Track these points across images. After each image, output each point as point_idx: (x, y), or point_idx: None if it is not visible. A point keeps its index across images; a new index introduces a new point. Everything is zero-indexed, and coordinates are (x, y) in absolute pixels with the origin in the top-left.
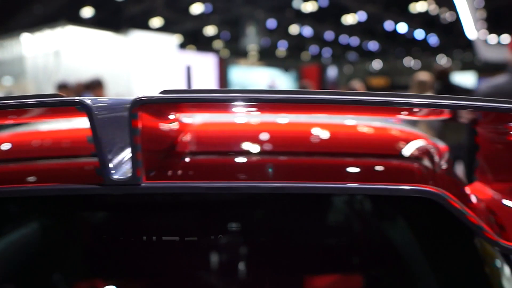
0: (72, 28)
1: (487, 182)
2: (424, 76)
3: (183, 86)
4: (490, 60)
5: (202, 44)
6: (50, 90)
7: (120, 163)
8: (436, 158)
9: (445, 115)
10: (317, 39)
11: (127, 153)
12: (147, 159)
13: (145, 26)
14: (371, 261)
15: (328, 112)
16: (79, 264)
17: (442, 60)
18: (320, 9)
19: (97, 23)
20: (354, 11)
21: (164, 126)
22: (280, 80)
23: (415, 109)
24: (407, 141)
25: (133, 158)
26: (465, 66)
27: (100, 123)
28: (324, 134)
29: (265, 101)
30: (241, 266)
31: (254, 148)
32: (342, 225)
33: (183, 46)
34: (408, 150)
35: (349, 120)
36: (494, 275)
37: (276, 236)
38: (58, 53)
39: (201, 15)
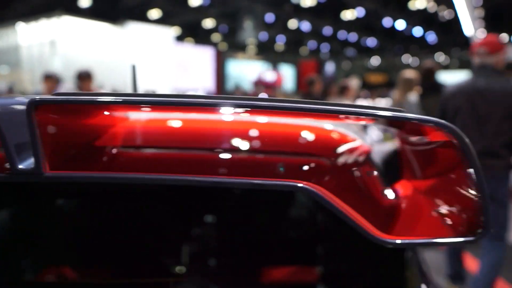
0: (68, 18)
1: (409, 180)
2: (410, 74)
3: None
4: None
5: (200, 37)
6: None
7: (28, 155)
8: (339, 156)
9: (367, 121)
10: (316, 34)
11: None
12: (52, 151)
13: (143, 18)
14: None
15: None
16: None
17: (440, 58)
18: (319, 4)
19: (94, 14)
20: (353, 7)
21: (75, 122)
22: (271, 75)
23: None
24: (317, 140)
25: (35, 151)
26: (463, 65)
27: (4, 120)
28: (227, 131)
29: (142, 103)
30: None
31: (160, 142)
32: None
33: (181, 38)
34: (307, 148)
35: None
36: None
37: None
38: (53, 43)
39: (200, 8)
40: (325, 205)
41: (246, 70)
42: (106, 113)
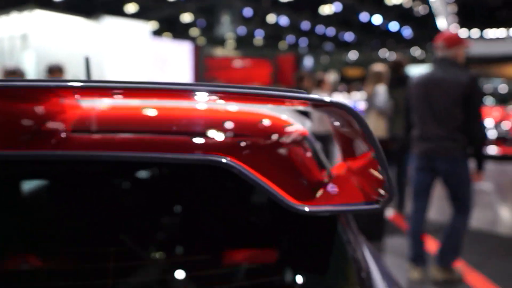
0: (40, 12)
1: (342, 160)
2: (379, 67)
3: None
4: None
5: (178, 31)
6: None
7: None
8: (267, 136)
9: (298, 104)
10: (294, 28)
11: None
12: None
13: (119, 12)
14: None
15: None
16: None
17: (416, 52)
18: None
19: (68, 8)
20: (331, 2)
21: (17, 107)
22: None
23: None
24: (248, 123)
25: None
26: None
27: None
28: (166, 114)
29: (68, 88)
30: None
31: (101, 125)
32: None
33: (159, 33)
34: (238, 130)
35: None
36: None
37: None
38: (25, 36)
39: (177, 2)
40: (245, 178)
41: None
42: (46, 98)
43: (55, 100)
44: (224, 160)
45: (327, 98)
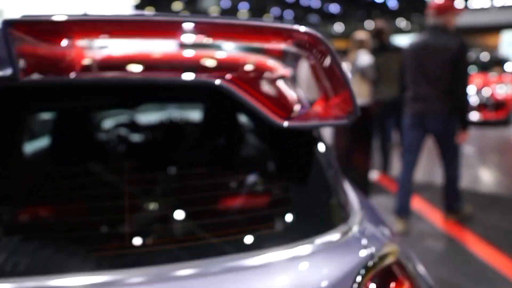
0: None
1: (320, 94)
2: (362, 35)
3: None
4: None
5: (161, 5)
6: None
7: (5, 64)
8: (256, 70)
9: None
10: (279, 0)
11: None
12: (27, 62)
13: None
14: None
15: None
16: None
17: (402, 23)
18: None
19: None
20: None
21: (46, 39)
22: None
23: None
24: (242, 60)
25: (11, 60)
26: (424, 29)
27: None
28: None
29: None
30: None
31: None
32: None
33: (141, 7)
34: (228, 64)
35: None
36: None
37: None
38: (0, 12)
39: None
40: (234, 96)
41: None
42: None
43: (64, 38)
44: (217, 82)
45: (302, 28)
